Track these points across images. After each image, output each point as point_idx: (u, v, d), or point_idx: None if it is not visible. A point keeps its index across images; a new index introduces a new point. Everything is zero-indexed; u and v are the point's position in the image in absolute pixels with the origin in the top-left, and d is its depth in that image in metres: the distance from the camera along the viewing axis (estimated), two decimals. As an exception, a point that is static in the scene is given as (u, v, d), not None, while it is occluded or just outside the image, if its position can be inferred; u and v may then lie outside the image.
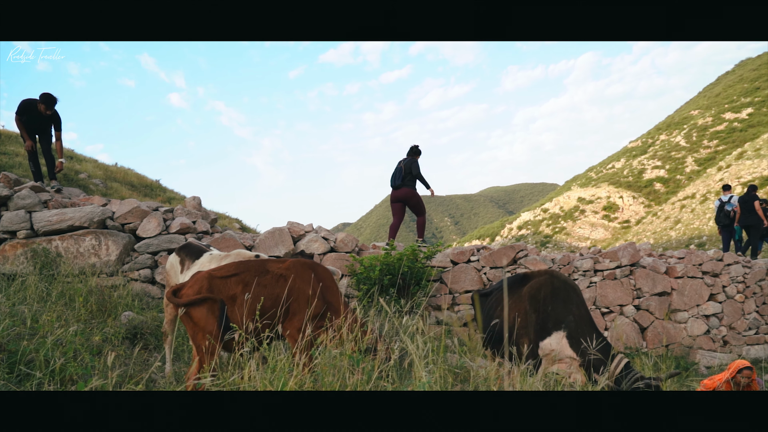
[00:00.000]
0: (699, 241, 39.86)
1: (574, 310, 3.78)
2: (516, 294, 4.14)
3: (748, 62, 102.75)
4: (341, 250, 7.15)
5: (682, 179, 63.99)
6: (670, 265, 7.87)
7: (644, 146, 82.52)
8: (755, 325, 8.23)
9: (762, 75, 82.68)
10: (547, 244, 63.66)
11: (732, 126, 69.66)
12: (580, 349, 3.62)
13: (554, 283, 3.93)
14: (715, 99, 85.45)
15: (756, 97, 73.78)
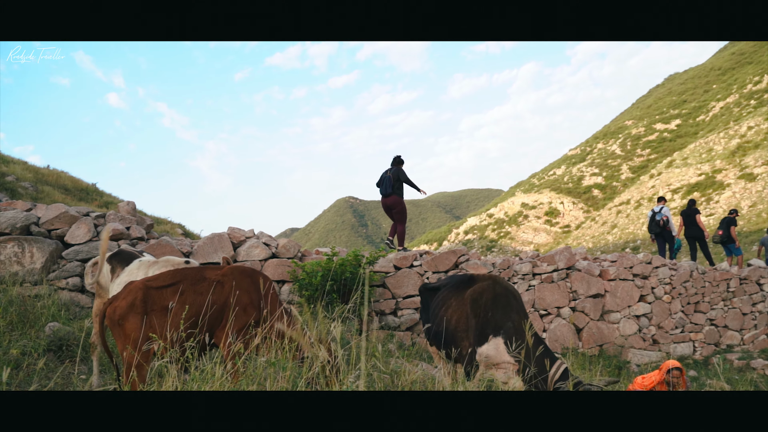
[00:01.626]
0: (634, 245, 41.87)
1: (513, 317, 3.83)
2: (460, 296, 4.18)
3: (676, 76, 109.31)
4: (283, 256, 7.05)
5: (618, 186, 67.08)
6: (603, 268, 8.22)
7: (583, 154, 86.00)
8: (681, 324, 8.71)
9: (688, 89, 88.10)
10: (492, 249, 65.14)
11: (662, 136, 73.80)
12: (518, 355, 3.67)
13: (496, 289, 3.99)
14: (647, 110, 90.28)
15: (683, 110, 78.54)
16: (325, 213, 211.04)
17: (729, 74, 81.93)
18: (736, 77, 75.66)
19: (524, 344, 3.65)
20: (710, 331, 8.95)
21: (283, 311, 3.47)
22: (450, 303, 4.19)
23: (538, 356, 3.66)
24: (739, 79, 72.69)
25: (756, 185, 38.71)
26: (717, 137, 52.69)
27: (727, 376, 7.56)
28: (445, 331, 4.03)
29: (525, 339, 3.65)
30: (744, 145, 46.31)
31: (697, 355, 8.77)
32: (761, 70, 66.53)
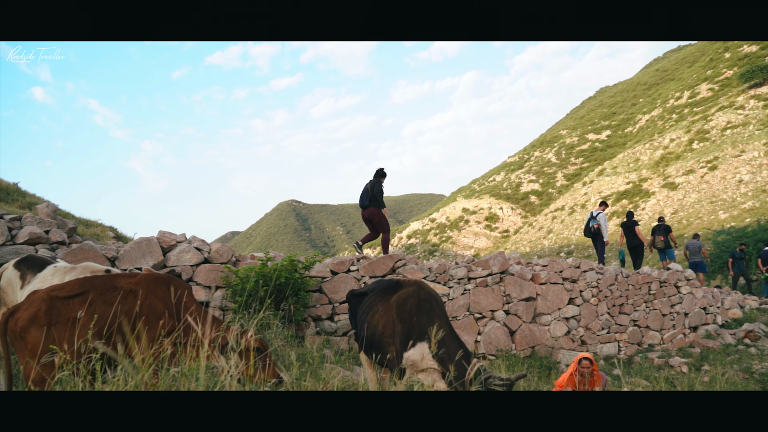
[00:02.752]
0: (568, 249, 43.64)
1: (436, 321, 3.92)
2: (386, 301, 4.22)
3: (606, 89, 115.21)
4: (216, 261, 6.85)
5: (553, 192, 69.78)
6: (535, 272, 8.50)
7: (521, 161, 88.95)
8: (607, 325, 9.13)
9: (617, 102, 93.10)
10: (435, 253, 66.05)
11: (594, 146, 77.50)
12: (440, 359, 3.77)
13: (420, 294, 4.07)
14: (580, 120, 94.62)
15: (613, 121, 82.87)
16: (267, 216, 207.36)
17: (654, 89, 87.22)
18: (660, 92, 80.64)
19: (449, 348, 3.75)
20: (633, 331, 9.43)
21: (204, 318, 3.36)
22: (377, 308, 4.23)
23: (457, 359, 3.77)
24: (663, 94, 77.51)
25: (678, 194, 41.29)
26: (643, 148, 55.86)
27: (647, 374, 8.00)
28: (372, 336, 4.09)
29: (448, 343, 3.76)
30: (667, 156, 49.32)
31: (622, 355, 9.22)
32: (682, 87, 71.21)
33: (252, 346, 3.12)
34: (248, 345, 3.07)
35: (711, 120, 49.46)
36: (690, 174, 42.40)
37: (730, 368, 8.40)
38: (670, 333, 9.94)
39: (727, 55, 68.57)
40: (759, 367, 8.50)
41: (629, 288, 9.46)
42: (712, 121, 49.10)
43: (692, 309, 10.33)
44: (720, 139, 45.02)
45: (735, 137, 43.38)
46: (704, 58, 76.50)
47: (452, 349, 3.78)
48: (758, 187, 34.85)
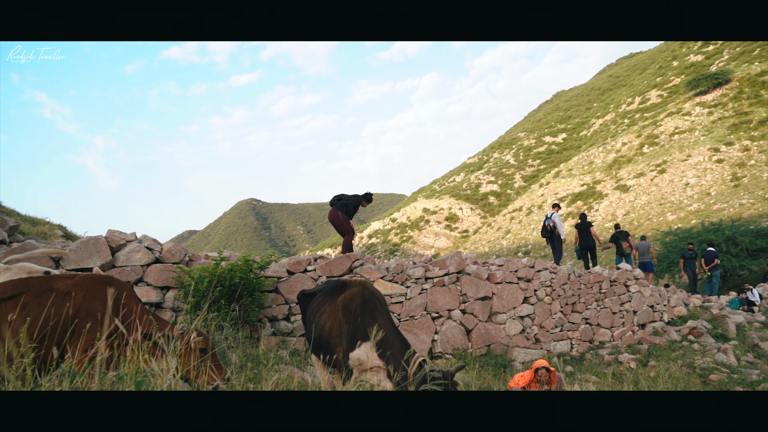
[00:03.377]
0: (525, 249, 44.59)
1: (380, 321, 4.00)
2: (333, 302, 4.27)
3: (562, 93, 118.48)
4: (168, 261, 6.65)
5: (511, 194, 71.19)
6: (491, 272, 8.64)
7: (480, 162, 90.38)
8: (560, 323, 9.36)
9: (573, 105, 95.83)
10: (395, 252, 66.34)
11: (551, 148, 79.52)
12: (386, 357, 3.84)
13: (365, 294, 4.16)
14: (537, 123, 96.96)
15: (569, 125, 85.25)
16: (226, 215, 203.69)
17: (607, 94, 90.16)
18: (613, 98, 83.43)
19: (393, 347, 3.84)
20: (585, 329, 9.70)
21: (147, 320, 3.24)
22: (323, 309, 4.28)
23: (405, 358, 3.85)
24: (615, 99, 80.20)
25: (629, 196, 42.82)
26: (597, 151, 57.64)
27: (597, 371, 8.24)
28: (320, 337, 4.13)
29: (392, 342, 3.86)
30: (619, 159, 51.05)
31: (574, 352, 9.47)
32: (633, 93, 73.85)
33: (195, 346, 3.03)
34: (192, 345, 2.99)
35: (660, 125, 51.48)
36: (641, 177, 44.04)
37: (674, 364, 8.75)
38: (620, 330, 10.27)
39: (675, 63, 71.56)
40: (701, 362, 8.88)
41: (581, 287, 9.72)
42: (661, 127, 51.11)
43: (641, 307, 10.71)
44: (668, 144, 46.93)
45: (682, 142, 45.30)
46: (654, 66, 79.61)
47: (396, 348, 3.89)
48: (703, 190, 36.50)
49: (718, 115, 46.60)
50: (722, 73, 51.42)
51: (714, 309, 12.11)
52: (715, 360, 9.06)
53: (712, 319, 11.44)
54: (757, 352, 9.95)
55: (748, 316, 12.42)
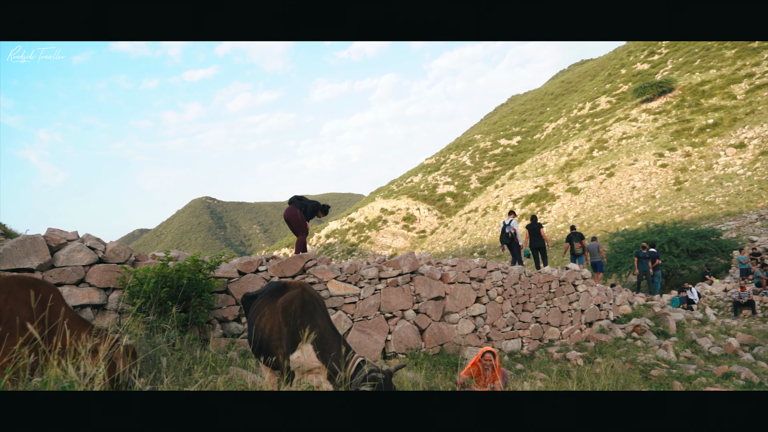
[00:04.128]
0: (481, 249, 45.34)
1: (319, 323, 4.03)
2: (273, 304, 4.26)
3: (517, 97, 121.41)
4: (112, 261, 6.41)
5: (468, 195, 72.29)
6: (444, 272, 8.73)
7: (438, 164, 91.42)
8: (511, 322, 9.56)
9: (527, 109, 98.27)
10: (353, 252, 66.27)
11: (506, 150, 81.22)
12: (324, 358, 3.87)
13: (304, 296, 4.17)
14: (493, 126, 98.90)
15: (523, 128, 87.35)
16: (180, 213, 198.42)
17: (560, 99, 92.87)
18: (565, 103, 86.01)
19: (331, 348, 3.88)
20: (535, 327, 9.94)
21: (76, 323, 3.11)
22: (264, 312, 4.26)
23: (338, 355, 3.89)
24: (567, 104, 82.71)
25: (580, 198, 44.20)
26: (550, 154, 59.23)
27: (546, 368, 8.46)
28: (260, 339, 4.12)
29: (331, 343, 3.88)
30: (571, 163, 52.63)
31: (525, 350, 9.68)
32: (584, 98, 76.34)
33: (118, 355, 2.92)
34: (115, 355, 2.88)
35: (609, 130, 53.38)
36: (591, 180, 45.54)
37: (618, 360, 9.09)
38: (569, 329, 10.58)
39: (623, 71, 74.38)
40: (643, 358, 9.25)
41: (532, 287, 9.96)
42: (610, 132, 53.00)
43: (588, 306, 11.06)
44: (617, 149, 48.71)
45: (629, 147, 47.12)
46: (604, 73, 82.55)
47: (336, 349, 3.91)
48: (648, 193, 38.08)
49: (662, 121, 48.72)
50: (666, 81, 53.85)
51: (656, 307, 12.64)
52: (656, 356, 9.45)
53: (654, 317, 11.94)
54: (695, 348, 10.44)
55: (687, 314, 13.02)
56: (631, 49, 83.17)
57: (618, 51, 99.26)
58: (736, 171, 33.78)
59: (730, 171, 34.45)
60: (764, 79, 45.08)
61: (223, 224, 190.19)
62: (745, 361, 9.70)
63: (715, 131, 41.73)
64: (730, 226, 25.22)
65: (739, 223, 25.28)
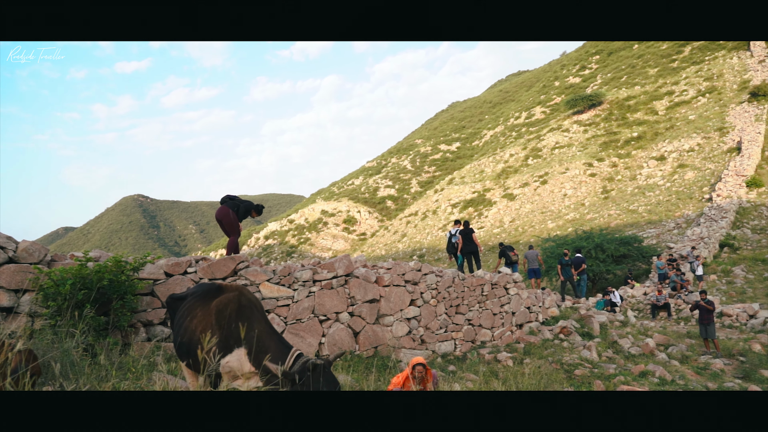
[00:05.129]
0: (420, 252, 45.90)
1: (256, 326, 3.94)
2: (206, 306, 4.11)
3: (457, 104, 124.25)
4: (24, 261, 5.98)
5: (408, 198, 73.12)
6: (379, 275, 8.76)
7: (379, 167, 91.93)
8: (445, 324, 9.71)
9: (467, 116, 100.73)
10: (293, 254, 65.46)
11: (446, 156, 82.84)
12: (259, 363, 3.80)
13: (241, 300, 4.07)
14: (433, 131, 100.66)
15: (462, 134, 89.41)
16: (109, 212, 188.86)
17: (498, 108, 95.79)
18: (503, 111, 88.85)
19: (267, 351, 3.79)
20: (468, 330, 10.15)
21: None
22: (196, 313, 4.10)
23: (279, 356, 3.83)
24: (505, 113, 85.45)
25: (515, 204, 45.70)
26: (487, 161, 60.93)
27: (476, 369, 8.66)
28: (189, 342, 3.95)
29: (267, 346, 3.82)
30: (507, 169, 54.35)
31: (457, 352, 9.86)
32: (520, 108, 79.14)
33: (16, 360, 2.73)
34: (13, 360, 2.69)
35: (543, 140, 55.59)
36: (525, 187, 47.21)
37: (545, 360, 9.43)
38: (500, 330, 10.88)
39: (556, 83, 77.73)
40: (568, 358, 9.65)
41: (465, 290, 10.17)
42: (543, 141, 55.20)
43: (519, 308, 11.42)
44: (550, 157, 50.78)
45: (561, 156, 49.24)
46: (539, 84, 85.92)
47: (273, 351, 3.84)
48: (578, 201, 39.91)
49: (592, 133, 51.26)
50: (596, 95, 56.81)
51: (582, 310, 13.23)
52: (580, 356, 9.88)
53: (580, 319, 12.48)
54: (616, 348, 11.00)
55: (610, 316, 13.72)
56: (564, 63, 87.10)
57: (552, 64, 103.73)
58: (657, 182, 36.02)
59: (651, 182, 36.68)
60: (682, 97, 48.44)
61: (157, 224, 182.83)
62: (659, 360, 10.32)
63: (639, 144, 44.36)
64: (650, 233, 26.84)
65: (659, 231, 26.95)
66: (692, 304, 12.25)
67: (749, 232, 23.53)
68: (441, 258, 41.08)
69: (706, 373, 9.96)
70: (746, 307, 15.03)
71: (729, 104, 42.02)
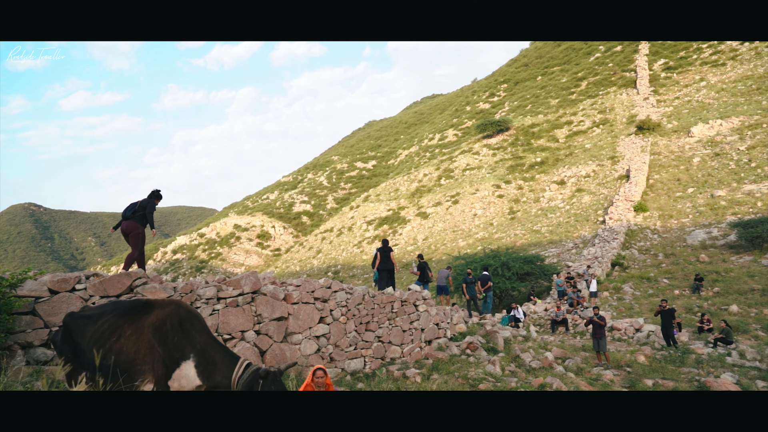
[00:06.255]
0: (335, 269, 45.68)
1: (198, 339, 3.80)
2: (137, 323, 3.83)
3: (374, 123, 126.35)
4: None
5: (324, 214, 72.77)
6: (288, 292, 8.57)
7: (295, 182, 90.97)
8: (354, 342, 9.66)
9: (383, 135, 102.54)
10: (202, 270, 62.91)
11: (362, 173, 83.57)
12: (206, 375, 3.69)
13: (180, 313, 3.90)
14: (350, 149, 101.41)
15: (378, 153, 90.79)
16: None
17: (413, 129, 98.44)
18: (417, 132, 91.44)
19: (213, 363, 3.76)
20: (378, 347, 10.16)
21: None
22: (123, 332, 3.81)
23: (226, 367, 3.83)
24: (419, 134, 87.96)
25: (428, 222, 46.87)
26: (402, 179, 62.20)
27: (385, 386, 8.66)
28: (116, 364, 3.66)
29: (213, 357, 3.73)
30: (421, 189, 55.74)
31: (367, 369, 9.83)
32: (434, 130, 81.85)
33: None
34: None
35: (455, 161, 57.73)
36: (438, 206, 48.62)
37: (452, 376, 9.64)
38: (409, 347, 10.99)
39: (468, 108, 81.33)
40: (473, 373, 9.93)
41: (375, 307, 10.20)
42: (455, 162, 57.32)
43: (428, 325, 11.62)
44: (461, 178, 52.76)
45: (472, 177, 51.34)
46: (451, 108, 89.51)
47: (219, 362, 3.83)
48: (487, 220, 41.66)
49: (500, 156, 53.96)
50: (504, 121, 60.12)
51: (488, 326, 13.71)
52: (485, 371, 10.19)
53: (486, 335, 12.92)
54: (518, 362, 11.48)
55: (513, 331, 14.32)
56: (475, 89, 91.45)
57: (464, 89, 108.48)
58: (558, 204, 38.48)
59: (553, 204, 39.13)
60: (580, 127, 52.41)
61: (51, 235, 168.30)
62: (557, 373, 10.88)
63: (542, 168, 47.28)
64: (552, 252, 28.53)
65: (559, 250, 28.72)
66: (587, 320, 13.09)
67: (636, 253, 25.65)
68: (356, 275, 41.14)
69: (598, 383, 10.64)
70: (633, 321, 16.32)
71: (619, 135, 46.02)
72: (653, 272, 22.58)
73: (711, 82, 48.68)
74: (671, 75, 55.09)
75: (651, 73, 57.68)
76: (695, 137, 38.25)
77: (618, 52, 67.14)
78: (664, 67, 57.60)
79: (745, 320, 16.31)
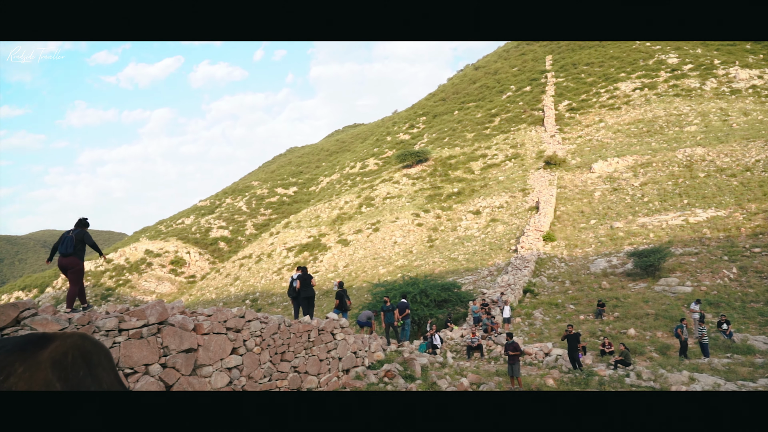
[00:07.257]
0: (254, 296, 44.30)
1: (105, 378, 3.46)
2: (31, 359, 3.43)
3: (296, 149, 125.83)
4: None
5: (242, 240, 70.73)
6: (198, 322, 8.17)
7: (212, 207, 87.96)
8: (269, 372, 9.35)
9: (305, 162, 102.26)
10: (109, 298, 58.88)
11: (282, 199, 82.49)
12: None
13: (86, 345, 3.50)
14: (271, 174, 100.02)
15: (300, 179, 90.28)
16: None
17: (334, 156, 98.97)
18: (339, 160, 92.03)
19: None
20: (294, 377, 9.89)
21: None
22: (14, 370, 3.40)
23: None
24: (341, 162, 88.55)
25: (349, 249, 46.82)
26: (323, 206, 61.98)
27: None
28: None
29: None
30: (342, 216, 55.77)
31: (282, 402, 9.52)
32: (356, 158, 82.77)
33: None
34: None
35: (376, 189, 58.47)
36: (359, 233, 48.78)
37: (368, 405, 9.54)
38: (326, 376, 10.79)
39: (388, 138, 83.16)
40: (390, 401, 9.89)
41: (291, 336, 9.96)
42: (376, 191, 58.06)
43: (345, 353, 11.49)
44: (382, 206, 53.44)
45: (392, 206, 52.16)
46: (372, 137, 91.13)
47: None
48: (407, 248, 42.29)
49: (419, 186, 55.36)
50: (423, 152, 62.06)
51: (406, 353, 13.79)
52: (401, 398, 10.19)
53: (403, 362, 12.97)
54: (435, 389, 11.59)
55: (431, 358, 14.50)
56: (395, 120, 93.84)
57: (385, 120, 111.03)
58: (474, 233, 39.88)
59: (469, 233, 40.50)
60: (494, 160, 55.13)
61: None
62: (472, 398, 11.09)
63: (459, 198, 49.01)
64: (468, 279, 29.38)
65: (475, 278, 29.64)
66: (505, 346, 13.51)
67: (546, 280, 27.01)
68: (275, 302, 40.11)
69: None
70: (542, 346, 17.06)
71: (530, 169, 48.84)
72: (561, 298, 23.84)
73: (609, 123, 53.20)
74: (574, 115, 59.61)
75: (557, 113, 62.12)
76: (596, 173, 41.40)
77: (527, 92, 71.78)
78: (569, 107, 62.26)
79: (641, 343, 17.56)
